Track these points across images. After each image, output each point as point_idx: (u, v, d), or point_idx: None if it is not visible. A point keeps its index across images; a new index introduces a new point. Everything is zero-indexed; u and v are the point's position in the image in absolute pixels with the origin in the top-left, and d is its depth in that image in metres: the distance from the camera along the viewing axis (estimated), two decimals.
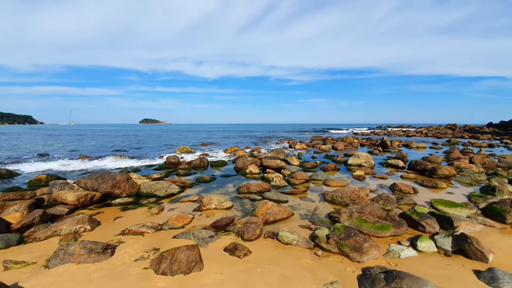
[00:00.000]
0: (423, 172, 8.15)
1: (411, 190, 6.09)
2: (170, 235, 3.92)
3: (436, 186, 6.51)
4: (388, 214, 4.02)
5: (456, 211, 4.65)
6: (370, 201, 5.21)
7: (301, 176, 7.06)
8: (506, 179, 7.06)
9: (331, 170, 8.88)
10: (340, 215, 4.33)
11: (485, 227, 4.07)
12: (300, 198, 5.82)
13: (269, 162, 8.51)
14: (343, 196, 5.34)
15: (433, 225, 3.89)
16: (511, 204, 4.30)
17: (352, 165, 9.71)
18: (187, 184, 6.95)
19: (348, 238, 3.31)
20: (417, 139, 24.83)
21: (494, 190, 5.65)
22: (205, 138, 25.67)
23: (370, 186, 6.82)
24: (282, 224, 4.43)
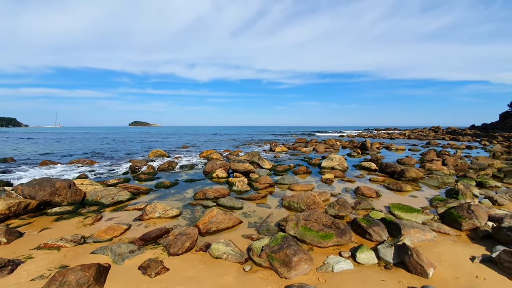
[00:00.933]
0: (392, 175, 7.97)
1: (373, 194, 5.84)
2: (90, 250, 3.48)
3: (401, 190, 6.30)
4: (333, 222, 3.70)
5: (412, 217, 4.40)
6: (326, 207, 4.90)
7: (265, 181, 6.71)
8: (474, 181, 6.93)
9: (302, 173, 8.59)
10: (287, 223, 3.99)
11: (439, 234, 3.82)
12: (257, 204, 5.46)
13: (236, 165, 8.14)
14: (299, 202, 5.02)
15: (380, 233, 3.60)
16: (469, 210, 4.08)
17: (326, 167, 9.47)
18: (141, 190, 6.48)
19: (279, 251, 2.96)
20: (400, 141, 25.06)
21: (457, 194, 5.46)
22: (188, 141, 25.07)
23: (335, 190, 6.55)
24: (226, 234, 4.05)
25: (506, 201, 5.18)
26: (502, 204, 5.13)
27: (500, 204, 5.14)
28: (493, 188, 6.53)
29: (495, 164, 9.41)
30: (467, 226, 3.89)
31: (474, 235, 3.76)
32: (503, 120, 39.46)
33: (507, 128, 35.14)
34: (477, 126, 44.42)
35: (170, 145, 20.71)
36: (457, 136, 27.13)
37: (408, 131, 43.64)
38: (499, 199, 5.18)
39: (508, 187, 6.72)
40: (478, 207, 4.12)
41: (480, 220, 3.88)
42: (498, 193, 5.94)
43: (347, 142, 20.30)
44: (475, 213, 3.96)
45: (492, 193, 5.81)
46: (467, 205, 4.15)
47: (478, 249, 3.29)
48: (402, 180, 7.42)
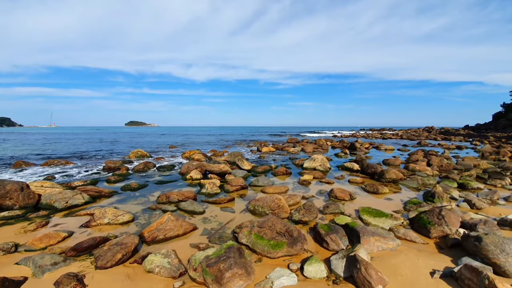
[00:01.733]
0: (373, 176, 7.66)
1: (347, 197, 5.51)
2: (17, 259, 3.10)
3: (377, 192, 5.98)
4: (288, 229, 3.36)
5: (379, 222, 4.07)
6: (293, 211, 4.56)
7: (237, 183, 6.35)
8: (456, 183, 6.64)
9: (281, 174, 8.24)
10: (241, 230, 3.64)
11: (405, 242, 3.49)
12: (222, 209, 5.10)
13: (211, 167, 7.78)
14: (264, 206, 4.67)
15: (338, 242, 3.26)
16: (439, 215, 3.76)
17: (308, 168, 9.15)
18: (103, 193, 6.07)
19: (214, 264, 2.61)
20: (392, 141, 24.86)
21: (433, 197, 5.15)
22: (178, 141, 24.61)
23: (309, 192, 6.22)
24: (174, 242, 3.70)
25: (485, 204, 4.87)
26: (480, 208, 4.82)
27: (478, 208, 4.84)
28: (475, 190, 6.24)
29: (481, 165, 9.15)
30: (436, 233, 3.57)
31: (443, 243, 3.44)
32: (496, 120, 39.51)
33: (500, 128, 35.18)
34: (471, 126, 44.49)
35: (158, 145, 20.27)
36: (449, 136, 27.01)
37: (402, 131, 43.58)
38: (478, 202, 4.88)
39: (491, 189, 6.43)
40: (450, 212, 3.80)
41: (450, 227, 3.56)
42: (479, 195, 5.65)
43: (338, 142, 20.02)
44: (446, 218, 3.64)
45: (473, 196, 5.51)
46: (438, 210, 3.83)
47: (442, 261, 2.96)
48: (382, 181, 7.12)
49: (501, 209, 4.91)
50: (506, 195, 5.75)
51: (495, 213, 4.66)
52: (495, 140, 21.91)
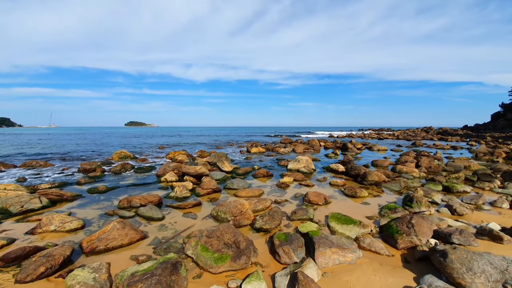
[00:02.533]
0: (356, 178, 7.31)
1: (321, 201, 5.16)
2: None
3: (355, 195, 5.63)
4: (236, 240, 3.01)
5: (346, 230, 3.72)
6: (257, 217, 4.21)
7: (208, 186, 6.01)
8: (441, 185, 6.28)
9: (262, 176, 7.89)
10: (189, 240, 3.30)
11: (368, 254, 3.15)
12: (185, 214, 4.76)
13: (187, 168, 7.43)
14: (226, 212, 4.32)
15: (290, 254, 2.92)
16: (409, 223, 3.41)
17: (292, 170, 8.81)
18: (66, 196, 5.74)
19: (134, 284, 2.27)
20: (387, 141, 24.48)
21: (411, 201, 4.79)
22: (170, 142, 24.26)
23: (286, 196, 5.87)
24: (116, 253, 3.36)
25: (466, 210, 4.52)
26: (461, 214, 4.47)
27: (459, 214, 4.48)
28: (460, 194, 5.88)
29: (472, 166, 8.78)
30: (404, 244, 3.22)
31: (410, 256, 3.09)
32: (494, 120, 39.05)
33: (499, 128, 34.73)
34: (470, 126, 44.05)
35: (148, 146, 19.95)
36: (447, 137, 26.61)
37: (400, 131, 43.18)
38: (459, 208, 4.52)
39: (478, 192, 6.07)
40: (422, 219, 3.45)
41: (420, 237, 3.21)
42: (464, 199, 5.30)
43: (332, 142, 19.66)
44: (415, 227, 3.29)
45: (456, 201, 5.15)
46: (409, 217, 3.48)
47: (404, 278, 2.61)
48: (364, 184, 6.77)
49: (485, 215, 4.55)
50: (493, 199, 5.40)
51: (477, 219, 4.30)
52: (492, 140, 21.51)
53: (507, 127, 33.68)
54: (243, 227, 4.09)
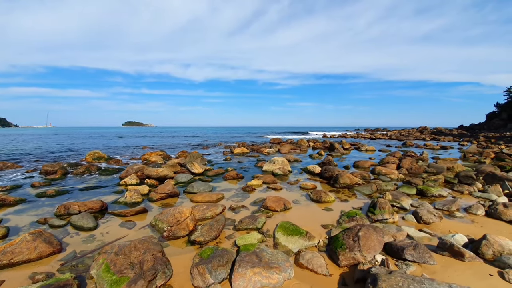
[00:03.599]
0: (329, 180, 6.85)
1: (279, 207, 4.70)
2: None
3: (319, 200, 5.17)
4: (143, 259, 2.54)
5: (291, 242, 3.26)
6: (199, 227, 3.74)
7: (162, 190, 5.54)
8: (416, 189, 5.82)
9: (231, 179, 7.43)
10: (99, 256, 2.82)
11: (305, 273, 2.69)
12: (123, 223, 4.28)
13: (149, 171, 6.96)
14: (164, 220, 3.85)
15: (205, 276, 2.45)
16: (356, 236, 2.94)
17: (267, 171, 8.36)
18: (8, 201, 5.25)
19: None
20: (380, 141, 24.07)
21: (374, 208, 4.34)
22: (155, 143, 23.73)
23: (247, 200, 5.41)
24: (22, 269, 2.91)
25: (434, 218, 4.06)
26: (428, 222, 4.01)
27: (426, 222, 4.03)
28: (436, 198, 5.44)
29: (456, 168, 8.35)
30: (346, 261, 2.76)
31: (350, 277, 2.63)
32: (489, 120, 38.75)
33: (493, 128, 34.42)
34: (465, 126, 43.76)
35: (133, 146, 19.43)
36: (440, 137, 26.23)
37: (395, 131, 42.85)
38: (426, 215, 4.06)
39: (455, 196, 5.63)
40: (372, 231, 2.99)
41: (364, 253, 2.74)
42: (436, 205, 4.85)
43: (321, 142, 19.22)
44: (361, 241, 2.83)
45: (425, 207, 4.71)
46: (357, 228, 3.02)
47: None
48: (336, 187, 6.32)
49: (455, 223, 4.10)
50: (469, 204, 4.95)
51: (444, 229, 3.85)
52: (484, 140, 21.14)
53: (502, 127, 33.35)
54: (179, 238, 3.63)
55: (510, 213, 4.13)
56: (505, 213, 4.16)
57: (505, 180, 6.10)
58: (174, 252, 3.25)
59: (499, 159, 11.21)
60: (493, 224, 4.00)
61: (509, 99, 36.59)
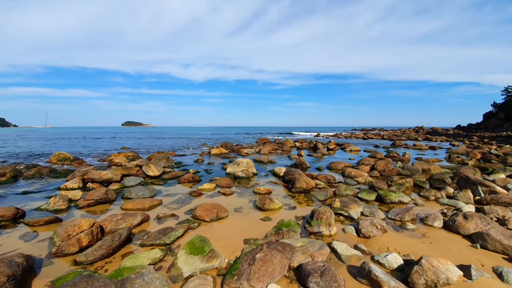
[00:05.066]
0: (288, 184, 6.29)
1: (210, 216, 4.14)
2: None
3: (263, 207, 4.61)
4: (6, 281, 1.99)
5: (188, 263, 2.70)
6: (99, 242, 3.19)
7: (92, 196, 4.99)
8: (376, 194, 5.25)
9: (186, 182, 6.87)
10: None
11: None
12: (30, 233, 3.75)
13: (92, 174, 6.42)
14: (59, 234, 3.30)
15: None
16: (254, 258, 2.39)
17: (230, 174, 7.80)
18: None
19: None
20: (371, 141, 23.45)
21: (312, 218, 3.77)
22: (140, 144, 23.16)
23: (183, 208, 4.85)
24: None
25: (375, 231, 3.49)
26: (368, 236, 3.44)
27: (365, 236, 3.46)
28: (395, 205, 4.87)
29: (432, 169, 7.77)
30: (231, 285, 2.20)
31: None
32: (486, 120, 38.01)
33: (490, 128, 33.71)
34: (463, 126, 43.03)
35: (112, 147, 18.92)
36: (434, 136, 25.57)
37: (391, 131, 42.19)
38: (365, 228, 3.50)
39: (418, 202, 5.04)
40: (275, 252, 2.43)
41: (252, 282, 2.18)
42: (390, 214, 4.28)
43: (307, 143, 18.64)
44: (255, 265, 2.27)
45: (378, 215, 4.15)
46: (260, 248, 2.47)
47: None
48: (292, 191, 5.77)
49: (401, 237, 3.52)
50: (430, 212, 4.39)
51: (384, 245, 3.28)
52: (478, 140, 20.50)
53: (499, 127, 32.59)
54: (68, 256, 3.08)
55: (469, 226, 3.56)
56: (464, 226, 3.58)
57: (478, 185, 5.52)
58: (50, 274, 2.71)
59: (485, 160, 10.62)
60: (446, 240, 3.43)
61: (507, 98, 35.87)
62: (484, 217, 3.63)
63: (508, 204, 4.73)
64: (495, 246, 3.09)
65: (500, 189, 5.29)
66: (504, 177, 6.99)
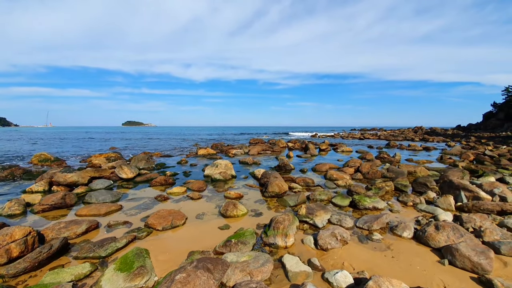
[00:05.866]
0: (263, 187, 5.98)
1: (162, 224, 3.84)
2: None
3: (225, 214, 4.31)
4: None
5: (110, 282, 2.40)
6: None
7: (47, 201, 4.69)
8: (349, 200, 4.93)
9: (158, 185, 6.58)
10: None
11: None
12: None
13: (57, 176, 6.14)
14: None
15: None
16: (172, 280, 2.08)
17: (208, 176, 7.49)
18: None
19: None
20: (367, 141, 23.07)
21: (269, 226, 3.46)
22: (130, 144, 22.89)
23: (140, 215, 4.54)
24: None
25: (333, 243, 3.17)
26: (325, 248, 3.12)
27: (323, 249, 3.14)
28: (368, 211, 4.55)
29: (418, 172, 7.43)
30: None
31: None
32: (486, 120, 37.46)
33: (490, 128, 33.20)
34: (463, 126, 42.50)
35: (101, 147, 18.67)
36: (431, 137, 25.14)
37: (390, 131, 41.74)
38: (323, 240, 3.17)
39: (392, 209, 4.71)
40: (199, 272, 2.12)
41: None
42: (358, 222, 3.96)
43: (299, 143, 18.31)
44: (174, 285, 1.96)
45: (344, 224, 3.84)
46: (191, 263, 2.15)
47: None
48: (265, 195, 5.46)
49: (362, 250, 3.19)
50: (403, 220, 4.08)
51: (340, 259, 2.95)
52: (475, 141, 20.08)
53: (499, 127, 32.04)
54: None
55: (440, 238, 3.23)
56: (434, 238, 3.25)
57: (461, 190, 5.18)
58: None
59: (478, 161, 10.27)
60: (411, 253, 3.09)
61: (507, 98, 35.28)
62: (458, 228, 3.30)
63: (490, 211, 4.40)
64: (464, 263, 2.76)
65: (484, 195, 4.95)
66: (493, 180, 6.66)
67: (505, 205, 4.34)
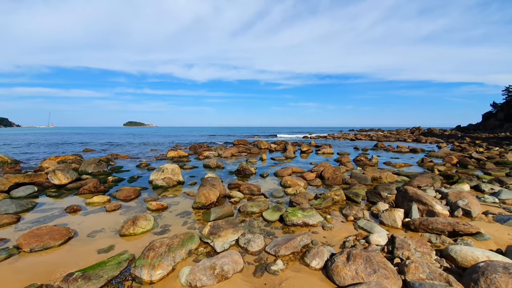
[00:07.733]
0: None
1: (31, 246, 3.18)
2: None
3: (120, 232, 3.64)
4: None
5: None
6: None
7: None
8: (279, 214, 4.22)
9: (87, 193, 5.93)
10: None
11: None
12: None
13: None
14: None
15: None
16: None
17: (151, 182, 6.84)
18: None
19: None
20: (359, 143, 22.24)
21: (143, 253, 2.78)
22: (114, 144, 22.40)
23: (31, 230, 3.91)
24: None
25: (207, 279, 2.48)
26: (195, 286, 2.43)
27: (192, 287, 2.45)
28: (296, 228, 3.84)
29: (384, 178, 6.68)
30: None
31: None
32: (485, 120, 36.25)
33: (489, 128, 32.05)
34: (463, 126, 41.29)
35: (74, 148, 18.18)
36: (426, 137, 24.17)
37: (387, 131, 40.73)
38: (195, 274, 2.48)
39: (331, 223, 3.99)
40: None
41: None
42: (268, 246, 3.26)
43: (281, 145, 17.58)
44: None
45: (252, 246, 3.15)
46: None
47: None
48: (193, 206, 4.78)
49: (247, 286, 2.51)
50: (330, 242, 3.38)
51: None
52: (470, 142, 19.14)
53: (498, 127, 30.82)
54: None
55: (346, 272, 2.50)
56: (339, 273, 2.52)
57: (414, 202, 4.45)
58: None
59: (462, 165, 9.46)
60: None
61: (508, 98, 34.01)
62: (372, 260, 2.57)
63: (440, 231, 3.66)
64: None
65: (439, 209, 4.20)
66: (465, 189, 5.92)
67: (458, 225, 3.59)
